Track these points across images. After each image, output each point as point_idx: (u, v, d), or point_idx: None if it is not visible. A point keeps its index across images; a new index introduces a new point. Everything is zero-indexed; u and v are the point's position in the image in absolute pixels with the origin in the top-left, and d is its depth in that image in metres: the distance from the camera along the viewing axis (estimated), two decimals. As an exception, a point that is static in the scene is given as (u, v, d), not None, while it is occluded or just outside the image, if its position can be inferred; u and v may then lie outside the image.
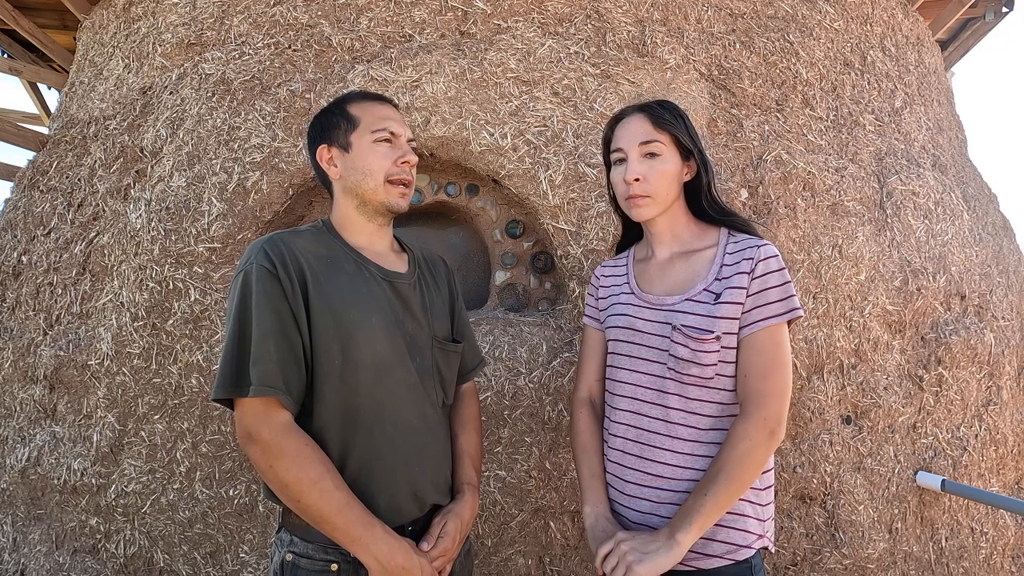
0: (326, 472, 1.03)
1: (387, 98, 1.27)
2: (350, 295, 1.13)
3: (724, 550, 1.13)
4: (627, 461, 1.22)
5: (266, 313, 1.05)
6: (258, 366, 1.03)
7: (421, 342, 1.20)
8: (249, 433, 1.03)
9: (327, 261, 1.15)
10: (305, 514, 1.03)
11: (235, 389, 1.04)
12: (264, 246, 1.10)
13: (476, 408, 1.39)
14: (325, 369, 1.09)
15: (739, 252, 1.19)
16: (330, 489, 1.02)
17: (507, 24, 2.16)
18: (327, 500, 1.02)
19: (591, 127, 2.02)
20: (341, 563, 1.08)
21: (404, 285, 1.21)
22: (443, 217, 2.27)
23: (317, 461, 1.03)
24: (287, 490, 1.02)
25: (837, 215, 2.14)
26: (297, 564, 1.10)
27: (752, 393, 1.13)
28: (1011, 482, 2.44)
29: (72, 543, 2.11)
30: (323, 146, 1.22)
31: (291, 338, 1.07)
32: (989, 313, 2.37)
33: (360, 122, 1.20)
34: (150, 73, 2.43)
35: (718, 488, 1.08)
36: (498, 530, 1.87)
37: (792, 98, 2.30)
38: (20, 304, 2.36)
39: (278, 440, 1.02)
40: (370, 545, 1.02)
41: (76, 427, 2.12)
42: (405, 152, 1.20)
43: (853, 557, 1.99)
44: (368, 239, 1.23)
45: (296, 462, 1.02)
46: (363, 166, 1.18)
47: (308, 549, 1.09)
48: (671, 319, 1.20)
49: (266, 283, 1.06)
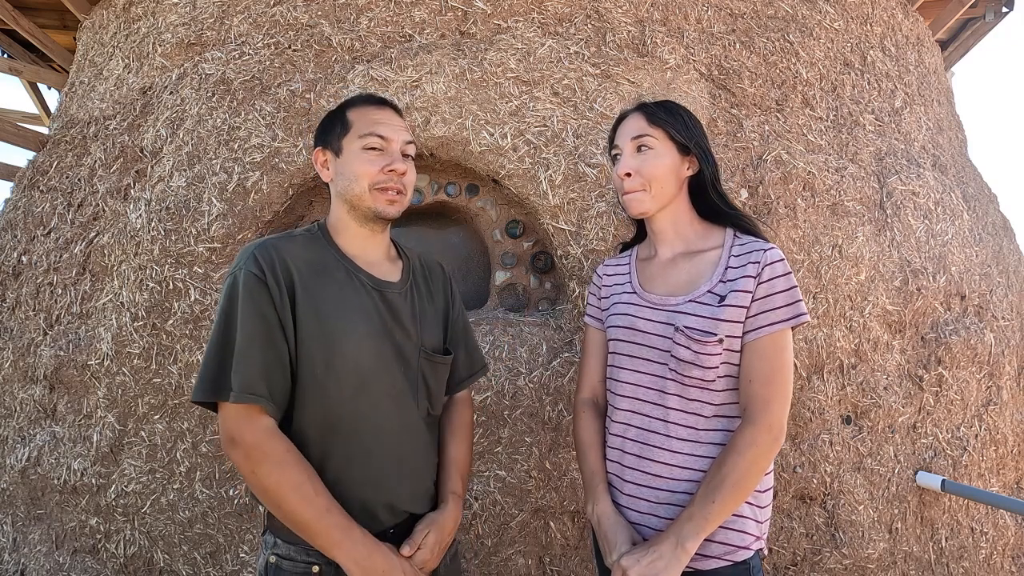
0: (307, 478, 1.03)
1: (388, 102, 1.25)
2: (338, 304, 1.12)
3: (723, 551, 1.13)
4: (626, 461, 1.22)
5: (252, 318, 1.05)
6: (240, 372, 1.03)
7: (408, 352, 1.19)
8: (232, 437, 1.03)
9: (317, 268, 1.14)
10: (286, 519, 1.04)
11: (215, 393, 1.04)
12: (255, 251, 1.10)
13: (468, 416, 1.37)
14: (307, 377, 1.09)
15: (744, 255, 1.18)
16: (310, 495, 1.02)
17: (507, 24, 2.16)
18: (307, 505, 1.02)
19: (591, 127, 2.02)
20: (323, 565, 1.08)
21: (395, 294, 1.20)
22: (443, 217, 2.27)
23: (298, 467, 1.04)
24: (268, 495, 1.03)
25: (837, 215, 2.14)
26: (280, 566, 1.10)
27: (756, 399, 1.12)
28: (1011, 482, 2.44)
29: (72, 543, 2.11)
30: (318, 149, 1.23)
31: (277, 344, 1.07)
32: (989, 313, 2.37)
33: (352, 127, 1.19)
34: (150, 73, 2.43)
35: (725, 495, 1.08)
36: (498, 530, 1.87)
37: (792, 98, 2.30)
38: (20, 304, 2.36)
39: (260, 445, 1.02)
40: (349, 550, 1.03)
41: (76, 427, 2.12)
42: (393, 160, 1.18)
43: (853, 557, 1.99)
44: (361, 245, 1.22)
45: (278, 467, 1.02)
46: (350, 172, 1.18)
47: (291, 551, 1.10)
48: (673, 320, 1.19)
49: (254, 289, 1.06)
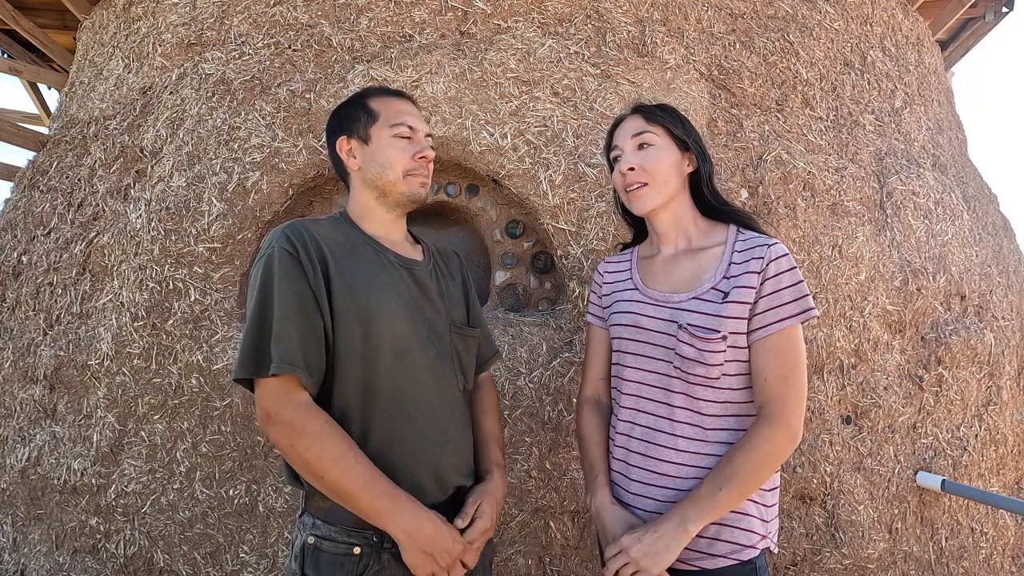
0: (348, 448, 1.03)
1: (406, 94, 1.29)
2: (370, 279, 1.14)
3: (729, 550, 1.13)
4: (632, 459, 1.22)
5: (288, 295, 1.06)
6: (279, 346, 1.03)
7: (440, 327, 1.21)
8: (269, 414, 1.03)
9: (346, 248, 1.16)
10: (330, 491, 1.03)
11: (255, 369, 1.04)
12: (285, 231, 1.12)
13: (495, 396, 1.40)
14: (346, 351, 1.09)
15: (748, 251, 1.18)
16: (352, 465, 1.02)
17: (507, 24, 2.16)
18: (351, 476, 1.01)
19: (591, 127, 2.02)
20: (364, 547, 1.07)
21: (421, 272, 1.23)
22: (443, 217, 2.27)
23: (338, 438, 1.03)
24: (310, 468, 1.02)
25: (837, 215, 2.14)
26: (319, 547, 1.09)
27: (773, 397, 1.11)
28: (1011, 482, 2.44)
29: (72, 543, 2.11)
30: (343, 137, 1.24)
31: (312, 319, 1.07)
32: (989, 313, 2.37)
33: (380, 116, 1.22)
34: (150, 73, 2.43)
35: (734, 487, 1.08)
36: (498, 530, 1.87)
37: (792, 98, 2.29)
38: (20, 304, 2.36)
39: (299, 418, 1.02)
40: (397, 518, 1.02)
41: (76, 427, 2.12)
42: (423, 148, 1.22)
43: (853, 557, 1.99)
44: (385, 229, 1.25)
45: (317, 440, 1.01)
46: (383, 159, 1.20)
47: (331, 532, 1.09)
48: (677, 317, 1.19)
49: (288, 266, 1.07)
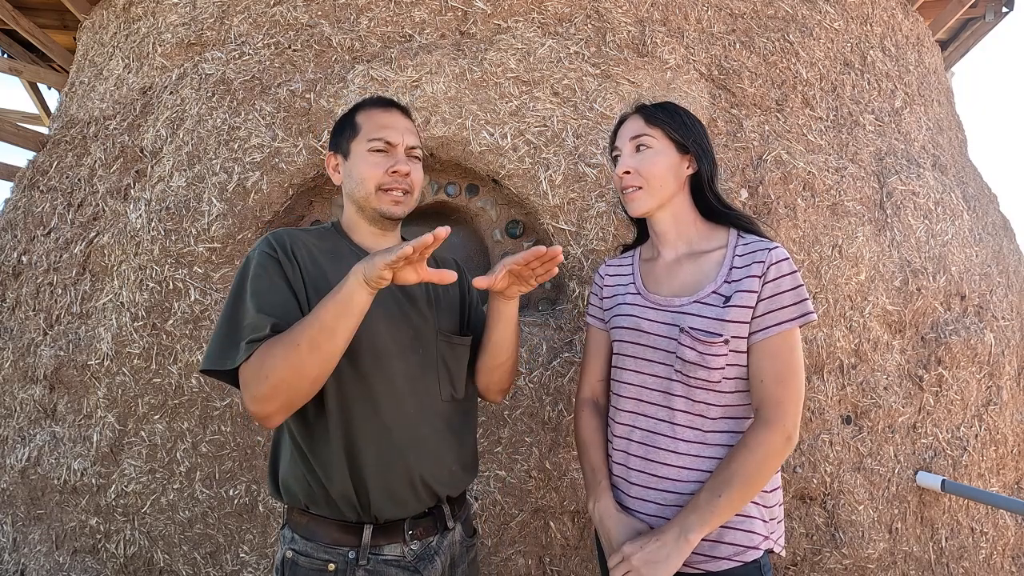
0: (279, 337, 1.00)
1: (398, 104, 1.27)
2: None
3: (732, 552, 1.13)
4: (632, 463, 1.22)
5: (263, 285, 1.06)
6: (249, 323, 1.01)
7: (426, 336, 1.20)
8: (254, 395, 0.99)
9: (330, 255, 1.17)
10: (318, 358, 0.98)
11: (220, 360, 1.02)
12: (268, 236, 1.14)
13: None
14: None
15: (749, 255, 1.18)
16: (292, 330, 0.99)
17: (507, 24, 2.16)
18: (301, 328, 0.98)
19: (591, 127, 2.02)
20: (339, 563, 1.08)
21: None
22: (443, 217, 2.27)
23: (274, 344, 0.99)
24: (288, 381, 0.97)
25: (837, 215, 2.14)
26: (296, 562, 1.10)
27: (770, 400, 1.12)
28: (1011, 482, 2.43)
29: (72, 543, 2.11)
30: (330, 153, 1.27)
31: (287, 302, 1.06)
32: (989, 313, 2.36)
33: (361, 129, 1.22)
34: (150, 73, 2.43)
35: (733, 492, 1.08)
36: (498, 530, 1.87)
37: (792, 98, 2.29)
38: (20, 304, 2.36)
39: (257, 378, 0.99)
40: (350, 273, 0.98)
41: (76, 427, 2.12)
42: (397, 162, 1.19)
43: (853, 557, 1.99)
44: (374, 240, 1.25)
45: (266, 360, 0.98)
46: (356, 174, 1.20)
47: (308, 548, 1.10)
48: (678, 320, 1.19)
49: (267, 264, 1.09)
